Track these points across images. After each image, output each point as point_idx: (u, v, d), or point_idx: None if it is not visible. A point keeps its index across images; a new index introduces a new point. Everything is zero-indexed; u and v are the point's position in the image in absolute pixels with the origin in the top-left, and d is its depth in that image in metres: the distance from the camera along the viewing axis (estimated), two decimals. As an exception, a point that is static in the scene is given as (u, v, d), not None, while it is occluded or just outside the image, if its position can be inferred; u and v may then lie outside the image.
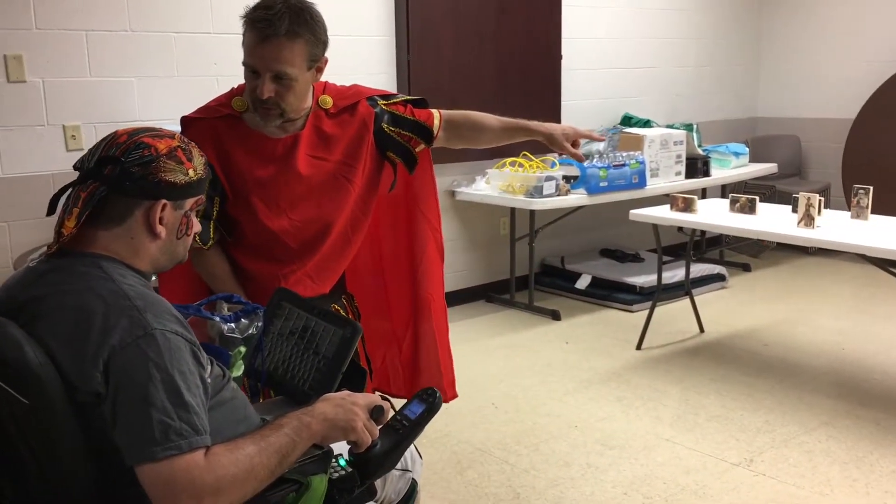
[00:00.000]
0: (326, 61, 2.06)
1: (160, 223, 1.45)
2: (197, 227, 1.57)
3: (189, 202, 1.49)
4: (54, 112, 3.66)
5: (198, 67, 4.00)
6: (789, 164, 6.57)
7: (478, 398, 3.72)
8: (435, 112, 2.29)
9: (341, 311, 2.25)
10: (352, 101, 2.18)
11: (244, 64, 1.99)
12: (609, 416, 3.55)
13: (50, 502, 1.37)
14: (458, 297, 5.22)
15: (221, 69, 4.03)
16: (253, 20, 1.95)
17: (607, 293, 5.23)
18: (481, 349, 4.46)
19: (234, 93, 2.12)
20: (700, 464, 3.10)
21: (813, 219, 3.70)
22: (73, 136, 3.71)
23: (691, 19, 6.28)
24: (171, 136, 1.48)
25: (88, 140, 3.74)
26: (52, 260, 1.43)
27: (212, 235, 2.08)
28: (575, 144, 2.41)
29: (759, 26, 6.84)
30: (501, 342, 4.57)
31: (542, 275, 5.57)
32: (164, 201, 1.44)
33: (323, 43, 2.01)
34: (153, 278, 1.57)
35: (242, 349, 1.70)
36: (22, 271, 1.47)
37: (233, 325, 1.70)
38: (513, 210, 5.14)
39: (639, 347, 4.38)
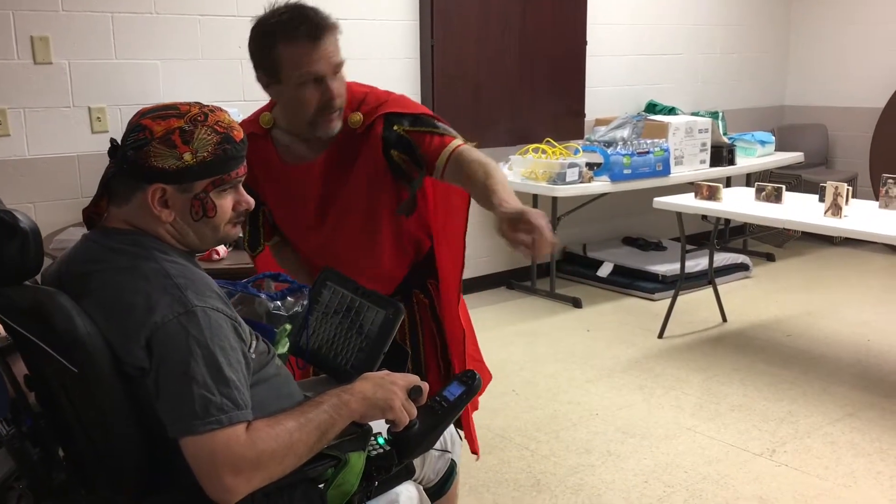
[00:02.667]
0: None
1: (165, 206, 1.44)
2: (246, 204, 1.52)
3: (200, 185, 1.43)
4: (80, 94, 3.68)
5: (222, 51, 4.00)
6: (816, 154, 6.49)
7: (498, 385, 3.72)
8: (448, 147, 1.93)
9: (425, 300, 2.20)
10: (371, 117, 1.97)
11: (302, 80, 1.82)
12: (630, 404, 3.54)
13: (99, 468, 1.42)
14: (480, 284, 5.21)
15: (246, 52, 3.98)
16: (292, 29, 1.81)
17: (629, 281, 5.20)
18: (502, 336, 4.45)
19: (261, 110, 2.05)
20: (722, 453, 3.08)
21: (840, 208, 3.65)
22: (98, 117, 3.73)
23: (718, 5, 6.20)
24: (183, 115, 1.42)
25: (113, 122, 3.76)
26: (97, 237, 1.47)
27: (262, 242, 2.16)
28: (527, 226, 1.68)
29: (788, 14, 6.74)
30: (523, 329, 4.56)
31: (563, 262, 5.55)
32: (159, 185, 1.42)
33: None
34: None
35: (288, 327, 1.73)
36: (73, 247, 1.51)
37: (279, 302, 1.73)
38: (535, 197, 5.11)
39: (661, 336, 4.35)
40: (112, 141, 1.47)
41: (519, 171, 4.90)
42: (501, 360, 4.04)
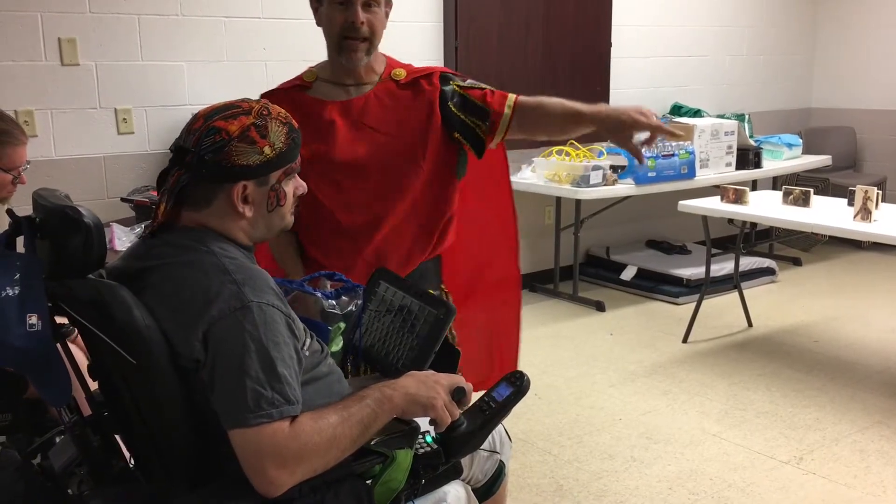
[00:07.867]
0: (391, 4, 2.11)
1: (245, 202, 1.48)
2: (301, 188, 1.59)
3: (275, 176, 1.50)
4: (106, 95, 3.70)
5: (247, 52, 4.02)
6: (844, 157, 6.41)
7: (521, 388, 3.70)
8: (510, 98, 2.11)
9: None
10: (425, 72, 2.14)
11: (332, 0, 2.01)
12: (654, 409, 3.50)
13: (154, 456, 1.46)
14: (502, 286, 5.18)
15: (270, 54, 4.04)
16: None
17: (653, 285, 5.16)
18: (525, 339, 4.37)
19: (308, 69, 2.17)
20: (748, 460, 3.04)
21: (870, 212, 3.60)
22: (124, 119, 3.75)
23: (744, 7, 6.14)
24: (249, 111, 1.48)
25: (139, 123, 3.79)
26: (160, 233, 1.50)
27: None
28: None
29: (815, 15, 6.66)
30: (545, 332, 4.53)
31: (586, 265, 5.52)
32: (243, 183, 1.46)
33: None
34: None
35: (342, 325, 1.75)
36: (136, 243, 1.56)
37: (333, 301, 1.76)
38: (558, 199, 5.09)
39: (685, 341, 4.31)
40: (177, 148, 1.47)
41: (542, 174, 4.87)
42: (523, 364, 3.99)
